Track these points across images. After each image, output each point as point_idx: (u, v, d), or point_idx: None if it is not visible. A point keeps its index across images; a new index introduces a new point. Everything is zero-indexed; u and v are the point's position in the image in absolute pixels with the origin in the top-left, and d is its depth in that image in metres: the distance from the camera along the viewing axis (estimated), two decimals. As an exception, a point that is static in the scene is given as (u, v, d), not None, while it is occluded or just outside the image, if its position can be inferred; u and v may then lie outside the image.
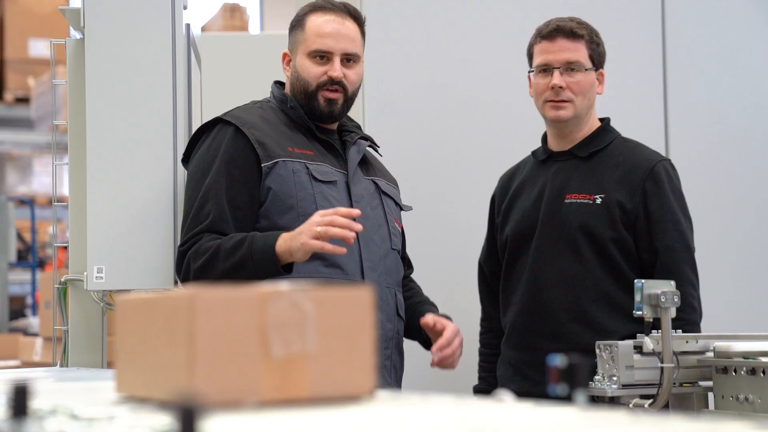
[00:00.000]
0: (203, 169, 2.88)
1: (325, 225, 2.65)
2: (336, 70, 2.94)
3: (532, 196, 3.23)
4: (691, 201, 4.24)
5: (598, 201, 3.12)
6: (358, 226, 2.69)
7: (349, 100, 2.99)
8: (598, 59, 3.19)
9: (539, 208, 3.19)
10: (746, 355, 2.60)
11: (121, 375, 1.72)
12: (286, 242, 2.72)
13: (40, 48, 10.60)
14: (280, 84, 3.10)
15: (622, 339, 2.67)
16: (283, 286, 1.59)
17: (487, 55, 4.03)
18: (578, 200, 3.14)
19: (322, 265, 2.82)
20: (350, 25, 2.98)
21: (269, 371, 1.53)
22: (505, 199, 3.32)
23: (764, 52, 4.42)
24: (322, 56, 2.95)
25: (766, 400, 2.50)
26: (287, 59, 3.04)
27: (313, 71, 2.95)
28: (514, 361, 3.20)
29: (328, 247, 2.66)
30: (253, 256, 2.74)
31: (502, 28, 4.06)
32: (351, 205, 2.89)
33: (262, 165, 2.85)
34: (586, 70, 3.15)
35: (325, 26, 2.96)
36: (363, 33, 3.01)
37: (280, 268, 2.74)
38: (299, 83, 2.97)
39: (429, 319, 2.95)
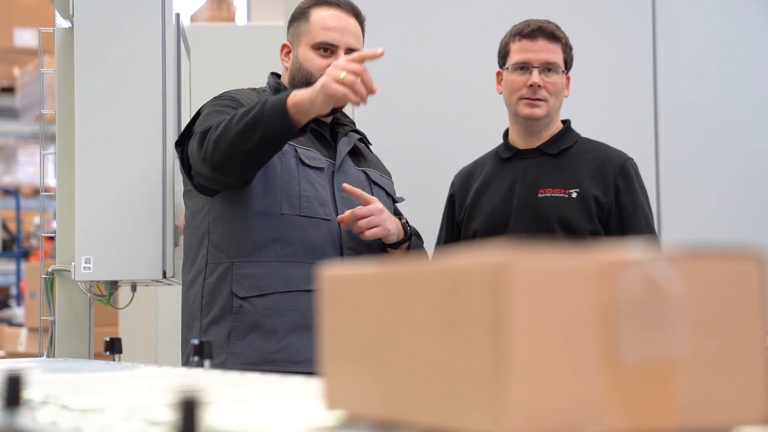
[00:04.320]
0: (207, 102, 2.88)
1: (350, 72, 2.55)
2: None
3: (500, 192, 3.26)
4: (681, 200, 4.26)
5: (574, 195, 3.18)
6: (374, 87, 2.56)
7: None
8: (569, 63, 3.27)
9: (511, 203, 3.23)
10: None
11: (337, 385, 1.18)
12: (306, 91, 2.59)
13: (25, 37, 10.56)
14: (276, 75, 3.09)
15: None
16: (635, 252, 1.02)
17: (479, 51, 4.03)
18: (553, 194, 3.19)
19: (300, 248, 2.81)
20: (353, 22, 2.98)
21: (618, 386, 0.99)
22: (468, 196, 3.34)
23: (756, 50, 4.42)
24: (326, 49, 2.93)
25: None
26: (286, 50, 3.03)
27: (317, 63, 2.94)
28: None
29: (351, 96, 2.55)
30: (264, 112, 2.62)
31: (495, 25, 4.05)
32: (334, 192, 2.89)
33: None
34: (562, 72, 3.21)
35: (331, 20, 2.96)
36: (363, 31, 3.02)
37: (290, 123, 2.59)
38: (301, 74, 2.96)
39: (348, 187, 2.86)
